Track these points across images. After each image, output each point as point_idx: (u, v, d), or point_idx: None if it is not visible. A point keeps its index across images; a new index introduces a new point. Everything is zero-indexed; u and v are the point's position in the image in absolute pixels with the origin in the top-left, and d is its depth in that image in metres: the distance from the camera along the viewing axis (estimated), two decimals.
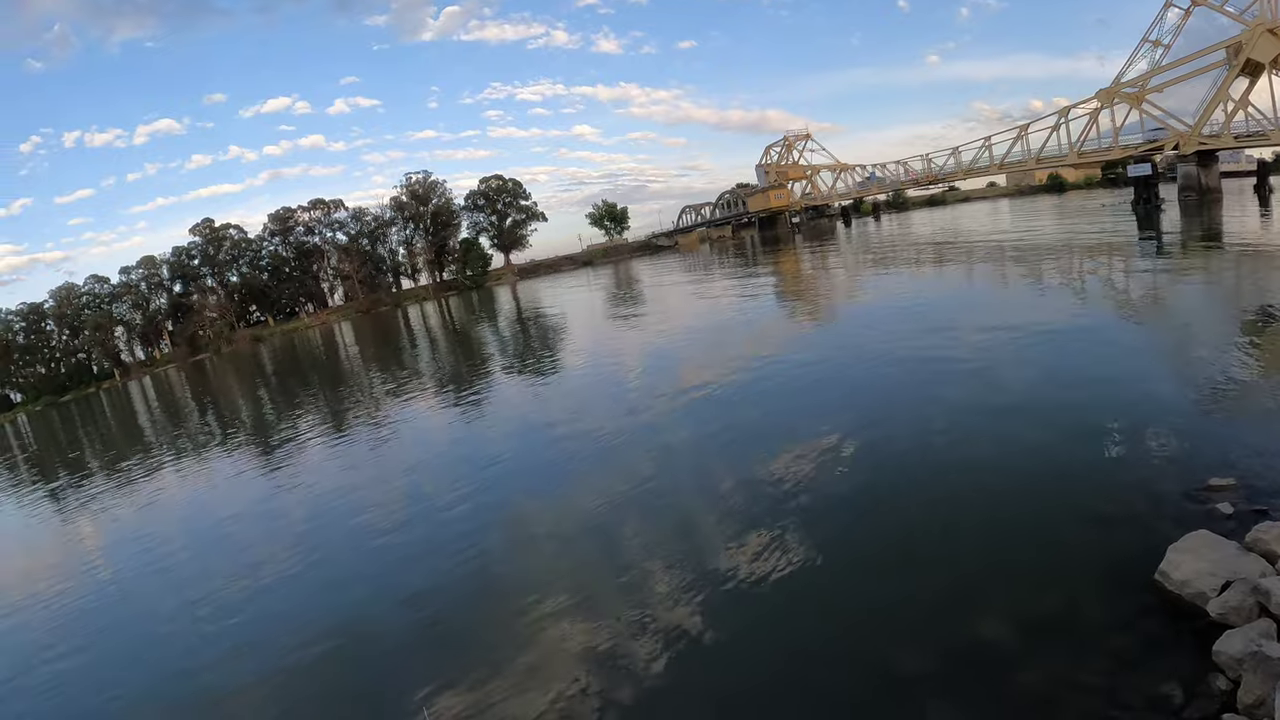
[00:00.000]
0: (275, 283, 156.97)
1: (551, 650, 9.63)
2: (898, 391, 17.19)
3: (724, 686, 8.16)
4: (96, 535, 23.24)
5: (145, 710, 11.07)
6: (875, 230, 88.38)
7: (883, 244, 66.96)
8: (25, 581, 19.41)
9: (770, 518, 11.82)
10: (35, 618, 16.39)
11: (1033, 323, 20.91)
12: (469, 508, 16.21)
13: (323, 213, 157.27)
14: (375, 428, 28.51)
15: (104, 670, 12.83)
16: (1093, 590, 8.05)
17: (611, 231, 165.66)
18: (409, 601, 12.17)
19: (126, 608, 15.76)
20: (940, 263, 42.81)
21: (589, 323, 51.72)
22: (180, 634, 13.42)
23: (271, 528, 18.72)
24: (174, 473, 29.98)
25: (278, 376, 68.92)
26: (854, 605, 9.00)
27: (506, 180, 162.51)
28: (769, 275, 57.81)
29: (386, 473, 21.11)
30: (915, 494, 11.65)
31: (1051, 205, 72.77)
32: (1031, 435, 12.67)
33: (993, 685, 7.06)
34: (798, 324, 30.92)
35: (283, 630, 12.36)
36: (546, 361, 36.06)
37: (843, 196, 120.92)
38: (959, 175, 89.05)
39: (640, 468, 15.84)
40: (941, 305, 27.67)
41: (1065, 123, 67.13)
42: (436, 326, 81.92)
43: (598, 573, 11.57)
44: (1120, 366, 15.98)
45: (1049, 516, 9.85)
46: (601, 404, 22.79)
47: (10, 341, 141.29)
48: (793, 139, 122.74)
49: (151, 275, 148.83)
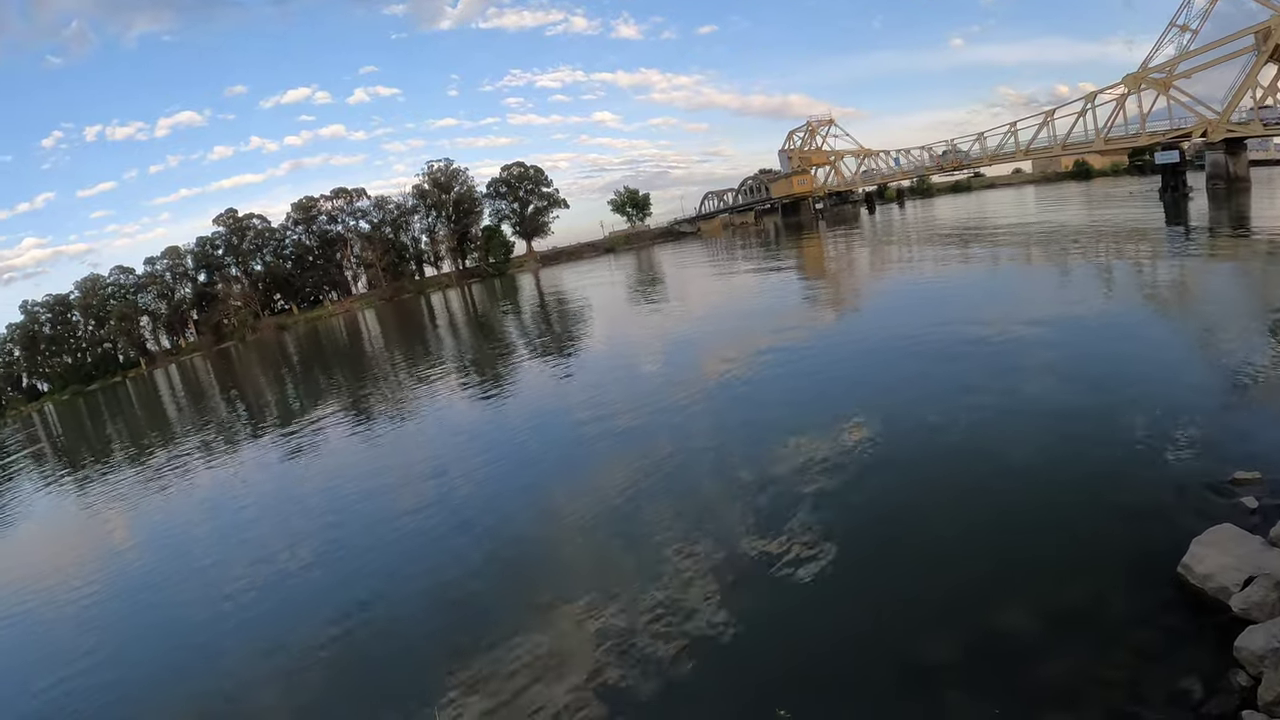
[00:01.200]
0: (299, 271, 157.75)
1: (570, 633, 9.75)
2: (921, 380, 17.10)
3: (743, 673, 8.20)
4: (123, 521, 23.54)
5: (168, 693, 11.27)
6: (900, 217, 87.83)
7: (907, 230, 66.62)
8: (52, 566, 19.81)
9: (791, 506, 11.84)
10: (61, 603, 16.69)
11: (1058, 312, 20.78)
12: (490, 493, 16.43)
13: (345, 201, 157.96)
14: (398, 414, 28.81)
15: (127, 653, 13.09)
16: (1115, 583, 8.03)
17: (633, 218, 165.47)
18: (430, 585, 12.34)
19: (150, 592, 16.02)
20: (965, 250, 42.50)
21: (611, 309, 51.76)
22: (202, 618, 13.64)
23: (294, 513, 19.01)
24: (199, 459, 30.28)
25: (302, 364, 69.45)
26: (875, 593, 9.01)
27: (528, 167, 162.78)
28: (792, 262, 57.62)
29: (408, 458, 21.35)
30: (938, 483, 11.62)
31: (1078, 192, 72.04)
32: (1056, 425, 12.60)
33: (1014, 677, 7.07)
34: (821, 312, 30.80)
35: (303, 615, 12.56)
36: (568, 348, 36.16)
37: (866, 182, 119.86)
38: (984, 161, 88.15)
39: (660, 455, 15.91)
40: (966, 293, 27.53)
41: (1092, 108, 66.09)
42: (459, 313, 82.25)
43: (618, 558, 11.68)
44: (1146, 357, 15.88)
45: (1072, 507, 9.80)
46: (623, 390, 22.87)
47: (37, 332, 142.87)
48: (816, 124, 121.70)
49: (176, 265, 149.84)
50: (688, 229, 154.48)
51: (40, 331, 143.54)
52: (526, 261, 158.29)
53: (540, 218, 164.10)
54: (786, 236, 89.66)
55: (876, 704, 7.30)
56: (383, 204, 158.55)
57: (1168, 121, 59.24)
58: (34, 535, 25.87)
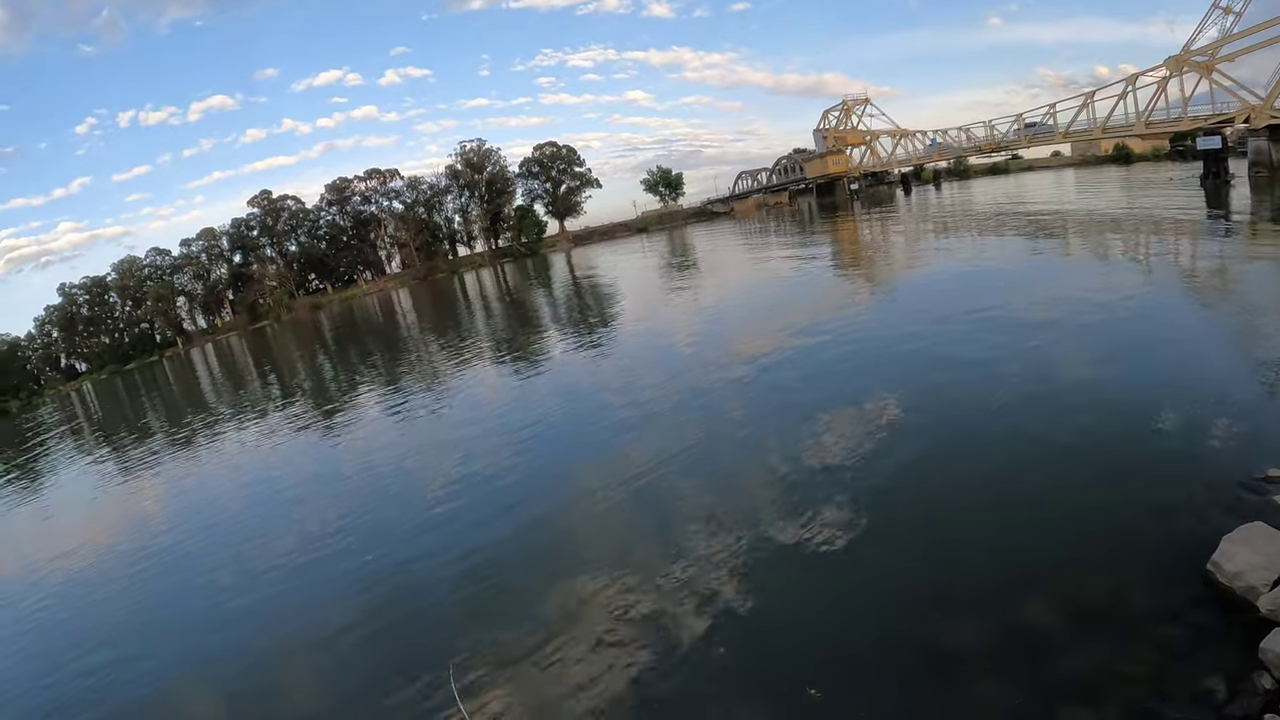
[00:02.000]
0: (333, 251, 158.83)
1: (597, 609, 9.89)
2: (953, 366, 16.95)
3: (769, 652, 8.28)
4: (158, 497, 24.10)
5: (202, 663, 11.61)
6: (936, 198, 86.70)
7: (943, 213, 65.83)
8: (91, 542, 20.32)
9: (819, 489, 11.90)
10: (96, 577, 17.23)
11: (1094, 300, 20.46)
12: (520, 469, 16.67)
13: (379, 182, 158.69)
14: (432, 391, 29.20)
15: (164, 622, 13.50)
16: (1143, 577, 7.99)
17: (666, 198, 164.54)
18: (459, 560, 12.59)
19: (186, 561, 16.57)
20: (1002, 234, 42.03)
21: (643, 290, 51.73)
22: (235, 589, 14.07)
23: (326, 488, 19.41)
24: (235, 435, 30.99)
25: (337, 342, 70.18)
26: (902, 579, 9.05)
27: (560, 147, 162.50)
28: (826, 244, 57.26)
29: (440, 435, 21.69)
30: (967, 470, 11.61)
31: (1117, 177, 70.68)
32: (1088, 415, 12.46)
33: (1038, 669, 7.06)
34: (854, 295, 30.62)
35: (334, 587, 12.89)
36: (600, 327, 36.33)
37: (903, 163, 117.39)
38: (1022, 143, 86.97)
39: (690, 435, 16.03)
40: (1001, 278, 27.23)
41: (1132, 91, 64.50)
42: (492, 293, 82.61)
43: (646, 536, 11.80)
44: (1183, 348, 15.57)
45: (1102, 499, 9.72)
46: (654, 370, 22.99)
47: (75, 314, 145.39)
48: (851, 103, 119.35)
49: (212, 246, 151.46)
50: (721, 209, 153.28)
51: (78, 313, 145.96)
52: (559, 241, 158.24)
53: (573, 197, 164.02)
54: (821, 217, 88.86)
55: (901, 689, 7.33)
56: (416, 184, 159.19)
57: (1210, 106, 57.74)
58: (74, 511, 26.39)
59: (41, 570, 18.90)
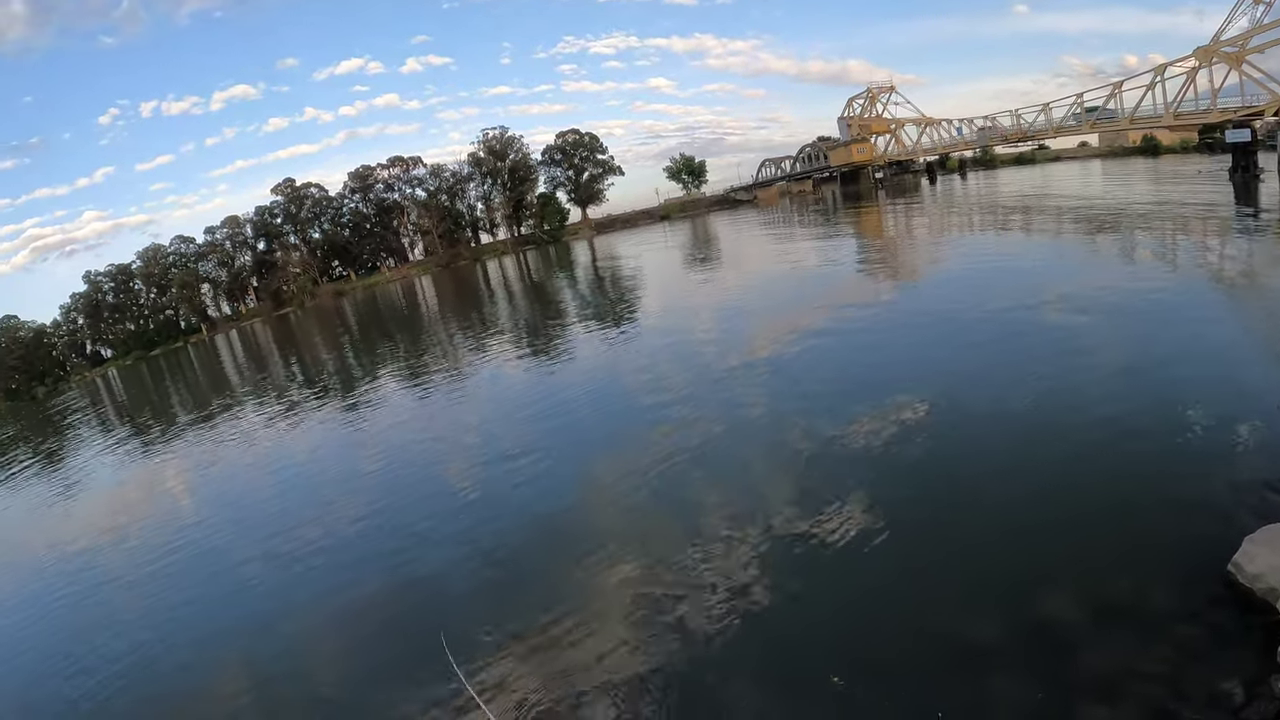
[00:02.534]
0: (356, 239, 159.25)
1: (615, 598, 10.00)
2: (977, 360, 16.93)
3: (787, 645, 8.33)
4: (183, 480, 24.53)
5: (224, 645, 11.84)
6: (961, 188, 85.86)
7: (969, 203, 65.21)
8: (118, 525, 20.67)
9: (841, 480, 11.93)
10: (121, 558, 17.66)
11: (1120, 295, 20.28)
12: (539, 458, 16.75)
13: (402, 170, 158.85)
14: (452, 378, 29.49)
15: (182, 609, 13.70)
16: (1163, 575, 7.98)
17: (689, 185, 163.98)
18: (477, 544, 12.80)
19: (208, 551, 16.76)
20: (1028, 226, 41.68)
21: (665, 278, 51.75)
22: (258, 569, 14.46)
23: (349, 473, 19.66)
24: (258, 419, 31.37)
25: (360, 328, 70.45)
26: (923, 572, 9.10)
27: (583, 134, 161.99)
28: (850, 233, 56.91)
29: (462, 422, 21.89)
30: (990, 463, 11.61)
31: (1145, 169, 69.69)
32: (1113, 412, 12.42)
33: (1057, 663, 7.11)
34: (878, 286, 30.46)
35: (353, 572, 13.09)
36: (622, 316, 36.36)
37: (928, 152, 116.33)
38: (1049, 133, 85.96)
39: (711, 424, 16.10)
40: (1027, 271, 27.02)
41: (1161, 81, 63.54)
42: (514, 280, 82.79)
43: (663, 526, 11.87)
44: (1209, 347, 15.41)
45: (1125, 496, 9.71)
46: (675, 359, 23.10)
47: (100, 300, 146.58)
48: (876, 91, 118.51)
49: (236, 234, 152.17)
50: (744, 197, 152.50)
51: (104, 300, 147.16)
52: (581, 229, 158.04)
53: (595, 185, 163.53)
54: (845, 206, 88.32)
55: (921, 680, 7.37)
56: (439, 172, 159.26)
57: (1239, 98, 57.00)
58: (102, 494, 26.72)
59: (71, 552, 19.33)
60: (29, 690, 12.24)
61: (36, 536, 22.90)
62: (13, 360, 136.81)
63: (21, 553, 21.34)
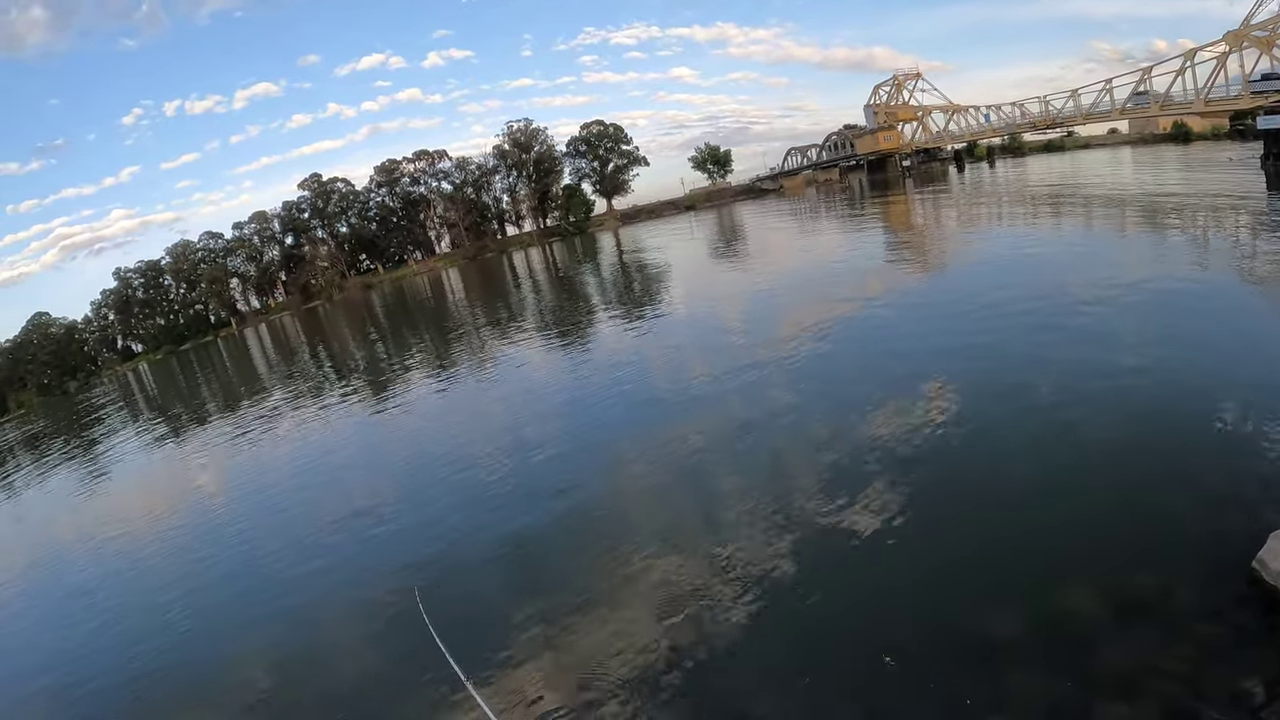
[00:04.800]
0: (383, 232, 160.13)
1: (637, 586, 10.03)
2: (1005, 348, 16.71)
3: (806, 635, 8.28)
4: (211, 471, 24.88)
5: (250, 634, 12.03)
6: (989, 176, 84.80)
7: (997, 191, 64.46)
8: (149, 513, 21.18)
9: (864, 471, 11.85)
10: (152, 547, 18.13)
11: (1150, 286, 19.88)
12: (566, 448, 16.85)
13: (427, 163, 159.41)
14: (480, 370, 29.66)
15: (210, 596, 13.98)
16: (1187, 571, 7.83)
17: (714, 175, 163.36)
18: (502, 533, 12.89)
19: (236, 532, 17.40)
20: (1058, 214, 41.08)
21: (690, 268, 51.64)
22: (284, 559, 14.71)
23: (377, 462, 20.04)
24: (287, 411, 31.83)
25: (388, 321, 70.92)
26: (943, 564, 9.01)
27: (608, 125, 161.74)
28: (877, 222, 56.36)
29: (488, 413, 22.06)
30: (1015, 455, 11.46)
31: (1175, 156, 68.34)
32: (1140, 405, 12.21)
33: (1077, 658, 7.00)
34: (904, 276, 30.16)
35: (380, 560, 13.35)
36: (648, 307, 36.31)
37: (955, 139, 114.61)
38: (1078, 120, 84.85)
39: (735, 414, 16.07)
40: (1056, 260, 26.67)
41: (1191, 67, 62.56)
42: (541, 272, 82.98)
43: (687, 515, 11.90)
44: (1241, 340, 14.98)
45: (1150, 489, 9.54)
46: (701, 350, 23.07)
47: (130, 296, 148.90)
48: (902, 78, 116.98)
49: (263, 229, 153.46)
50: (770, 186, 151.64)
51: (134, 296, 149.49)
52: (607, 220, 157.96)
53: (620, 176, 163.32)
54: (872, 195, 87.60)
55: (939, 671, 7.30)
56: (464, 165, 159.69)
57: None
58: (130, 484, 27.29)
59: (103, 540, 19.91)
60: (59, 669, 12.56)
61: (68, 525, 23.43)
62: (44, 356, 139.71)
63: (53, 542, 21.95)
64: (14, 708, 11.96)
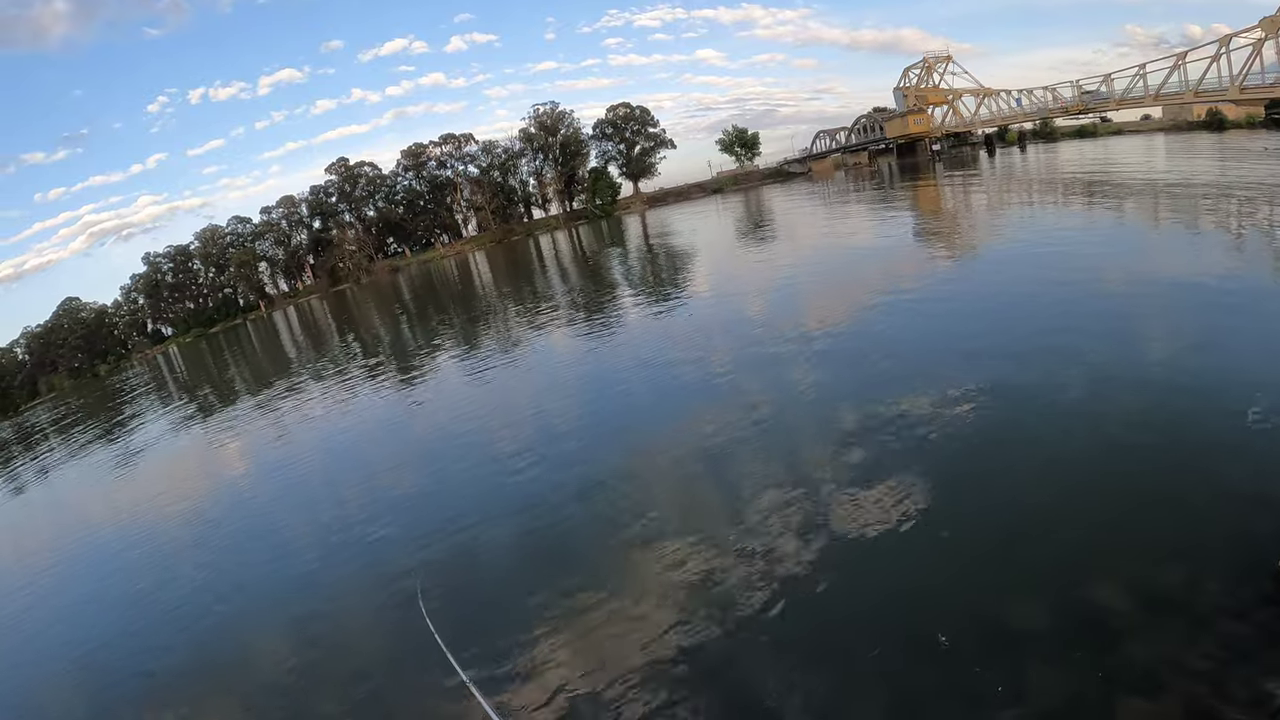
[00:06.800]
0: (410, 216, 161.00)
1: (654, 575, 9.98)
2: (1033, 338, 16.38)
3: (827, 626, 8.23)
4: (238, 452, 25.27)
5: (273, 612, 12.22)
6: (1021, 161, 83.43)
7: (1029, 177, 63.43)
8: (173, 494, 21.56)
9: (888, 461, 11.69)
10: (177, 527, 18.43)
11: (1185, 277, 19.38)
12: (587, 430, 16.90)
13: (453, 147, 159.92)
14: (505, 352, 29.80)
15: (235, 574, 14.21)
16: (1213, 569, 7.66)
17: (742, 158, 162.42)
18: (523, 518, 12.86)
19: (260, 510, 17.84)
20: (1090, 202, 40.47)
21: (717, 253, 51.41)
22: (307, 539, 14.94)
23: (398, 446, 20.07)
24: (313, 393, 32.24)
25: (415, 304, 71.35)
26: (968, 554, 8.89)
27: (634, 108, 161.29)
28: (907, 207, 55.83)
29: (512, 396, 22.16)
30: (1043, 446, 11.24)
31: (1210, 144, 66.79)
32: (1170, 398, 11.94)
33: (1098, 653, 6.87)
34: (934, 263, 29.77)
35: (400, 542, 13.36)
36: (674, 291, 36.19)
37: (986, 123, 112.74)
38: (1111, 105, 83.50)
39: (760, 402, 15.94)
40: (1088, 249, 26.16)
41: (1226, 53, 61.36)
42: (567, 255, 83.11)
43: (708, 504, 11.80)
44: (1274, 332, 14.60)
45: (1179, 484, 9.31)
46: (726, 335, 22.96)
47: (160, 281, 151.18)
48: (933, 61, 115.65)
49: (291, 213, 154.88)
50: (798, 169, 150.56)
51: (163, 280, 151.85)
52: (633, 203, 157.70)
53: (647, 159, 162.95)
54: (901, 179, 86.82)
55: (959, 661, 7.24)
56: (490, 148, 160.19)
57: None
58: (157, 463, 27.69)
59: (131, 519, 20.22)
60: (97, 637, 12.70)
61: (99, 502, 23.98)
62: (75, 340, 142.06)
63: (82, 520, 22.37)
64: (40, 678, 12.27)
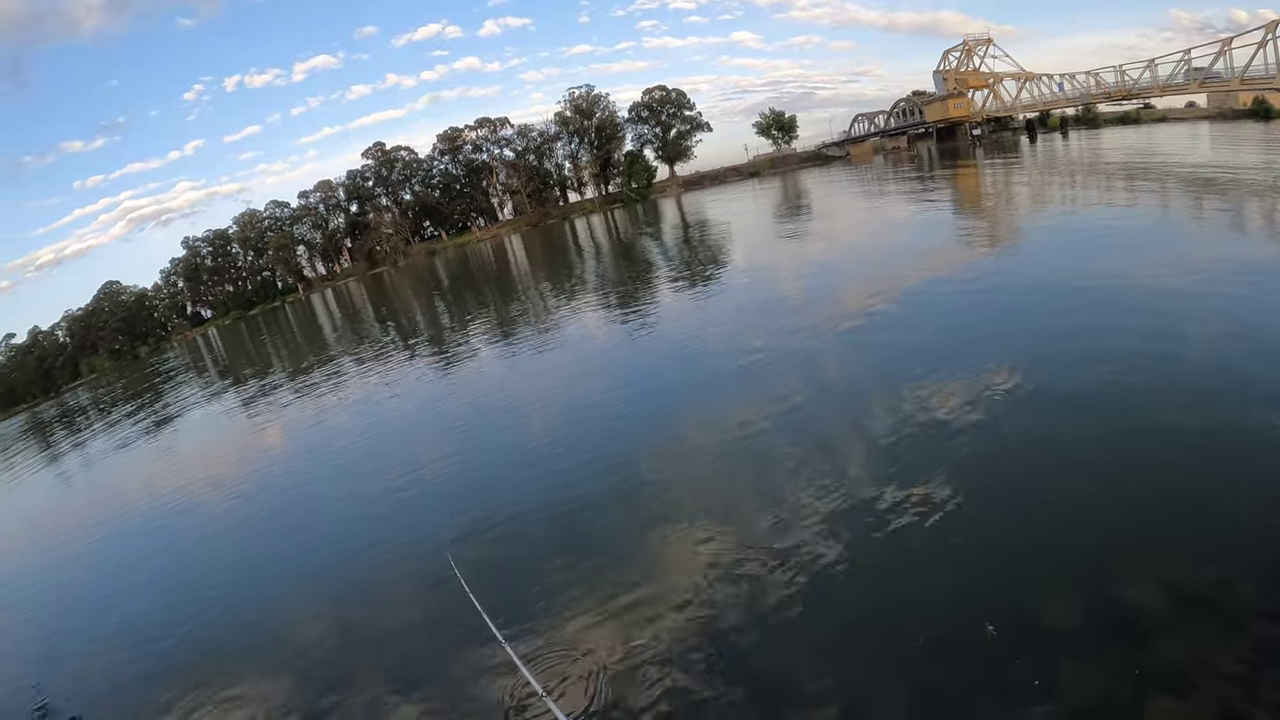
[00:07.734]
0: (446, 199, 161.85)
1: (680, 563, 9.94)
2: (1071, 332, 15.99)
3: (854, 620, 8.12)
4: (276, 431, 25.76)
5: (303, 587, 12.44)
6: (1063, 147, 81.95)
7: (1071, 164, 62.26)
8: (211, 468, 22.24)
9: (919, 454, 11.51)
10: (212, 504, 18.84)
11: (1228, 270, 19.05)
12: (618, 416, 16.88)
13: (489, 131, 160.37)
14: (540, 336, 29.76)
15: (267, 554, 14.48)
16: (1250, 570, 7.48)
17: (779, 141, 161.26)
18: (550, 502, 12.90)
19: (295, 490, 18.05)
20: (1134, 192, 39.85)
21: (753, 238, 51.19)
22: (339, 518, 15.16)
23: (432, 428, 20.31)
24: (349, 373, 32.86)
25: (451, 286, 71.83)
26: (1000, 550, 8.73)
27: (670, 91, 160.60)
28: (946, 193, 55.16)
29: (544, 380, 22.17)
30: (1078, 442, 10.97)
31: (1256, 134, 65.20)
32: (1211, 395, 11.54)
33: (1130, 651, 6.70)
34: (973, 251, 29.26)
35: (428, 525, 13.46)
36: (709, 275, 36.11)
37: (1027, 108, 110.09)
38: (1155, 91, 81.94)
39: (792, 391, 15.77)
40: (1131, 243, 25.47)
41: (1273, 39, 60.09)
42: (602, 238, 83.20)
43: (736, 494, 11.74)
44: None
45: (1217, 483, 9.06)
46: (761, 321, 22.76)
47: (199, 264, 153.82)
48: (973, 44, 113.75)
49: (329, 197, 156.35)
50: (836, 153, 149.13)
51: (202, 264, 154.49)
52: (669, 186, 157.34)
53: (683, 141, 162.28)
54: (941, 164, 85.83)
55: (988, 657, 7.12)
56: (526, 132, 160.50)
57: None
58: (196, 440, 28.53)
59: (172, 492, 20.85)
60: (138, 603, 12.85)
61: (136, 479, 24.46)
62: (116, 323, 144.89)
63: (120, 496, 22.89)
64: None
